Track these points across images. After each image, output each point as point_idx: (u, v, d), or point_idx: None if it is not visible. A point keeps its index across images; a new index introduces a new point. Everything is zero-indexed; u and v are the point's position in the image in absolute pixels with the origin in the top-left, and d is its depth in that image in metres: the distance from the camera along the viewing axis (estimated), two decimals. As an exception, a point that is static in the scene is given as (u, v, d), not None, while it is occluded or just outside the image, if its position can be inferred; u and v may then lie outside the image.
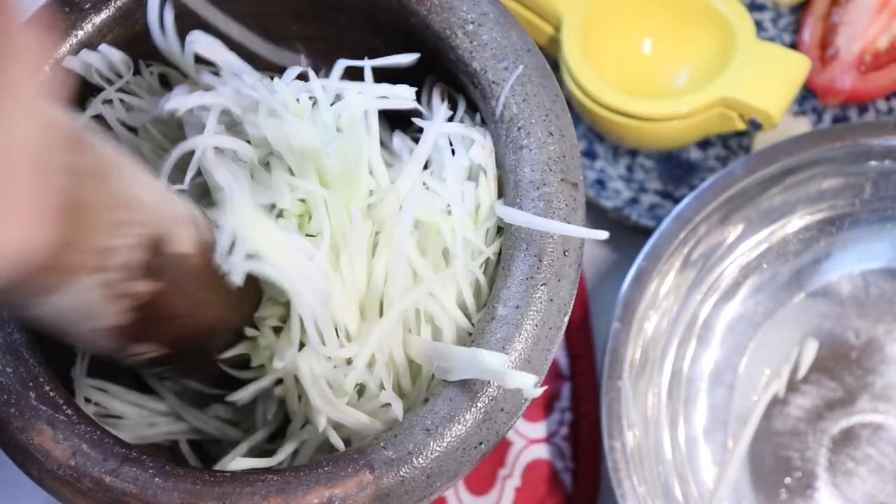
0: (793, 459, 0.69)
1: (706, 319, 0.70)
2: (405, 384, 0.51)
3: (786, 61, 0.69)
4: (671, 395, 0.69)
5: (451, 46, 0.52)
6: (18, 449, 0.48)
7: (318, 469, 0.47)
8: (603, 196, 0.72)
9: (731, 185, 0.68)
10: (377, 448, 0.47)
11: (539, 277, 0.49)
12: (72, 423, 0.48)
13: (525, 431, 0.71)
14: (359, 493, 0.47)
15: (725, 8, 0.71)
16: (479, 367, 0.47)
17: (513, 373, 0.47)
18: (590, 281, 0.74)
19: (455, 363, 0.48)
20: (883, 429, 0.69)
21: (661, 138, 0.71)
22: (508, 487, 0.70)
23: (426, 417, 0.47)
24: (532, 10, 0.71)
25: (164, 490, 0.47)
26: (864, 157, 0.69)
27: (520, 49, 0.52)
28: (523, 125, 0.51)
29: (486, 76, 0.52)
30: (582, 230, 0.49)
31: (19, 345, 0.49)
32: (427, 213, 0.51)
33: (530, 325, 0.48)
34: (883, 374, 0.69)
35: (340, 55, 0.54)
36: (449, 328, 0.51)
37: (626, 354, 0.66)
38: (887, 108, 0.75)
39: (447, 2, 0.52)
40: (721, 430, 0.69)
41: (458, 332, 0.51)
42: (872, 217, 0.70)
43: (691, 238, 0.68)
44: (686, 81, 0.72)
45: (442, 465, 0.47)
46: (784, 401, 0.69)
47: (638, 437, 0.66)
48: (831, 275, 0.71)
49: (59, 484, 0.47)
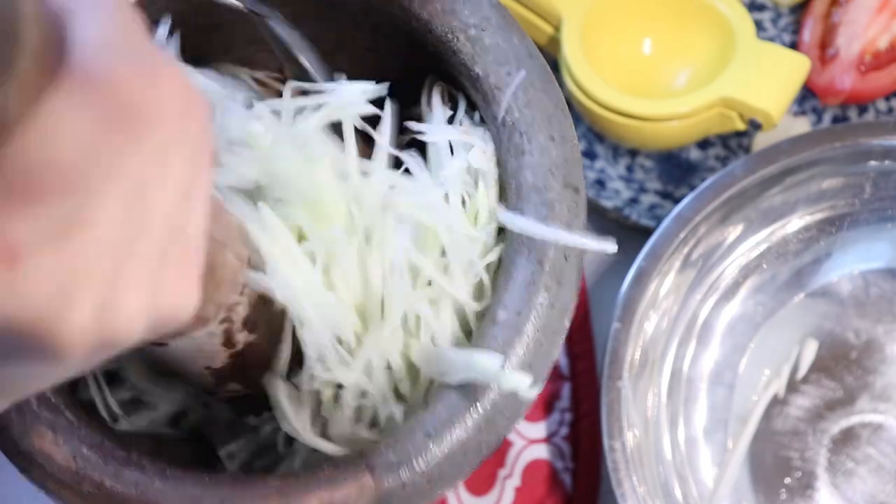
0: (793, 459, 0.69)
1: (706, 319, 0.70)
2: (404, 388, 0.51)
3: (786, 61, 0.69)
4: (671, 395, 0.69)
5: (453, 51, 0.52)
6: (20, 453, 0.48)
7: (319, 473, 0.47)
8: (603, 196, 0.72)
9: (731, 185, 0.68)
10: (378, 451, 0.47)
11: (540, 282, 0.49)
12: (73, 427, 0.48)
13: (525, 431, 0.71)
14: (359, 496, 0.47)
15: (725, 8, 0.71)
16: (474, 368, 0.47)
17: (508, 374, 0.47)
18: (590, 281, 0.74)
19: (451, 365, 0.48)
20: (883, 429, 0.69)
21: (661, 138, 0.71)
22: (508, 487, 0.70)
23: (427, 421, 0.48)
24: (532, 10, 0.71)
25: (164, 493, 0.47)
26: (864, 157, 0.69)
27: (522, 54, 0.52)
28: (525, 130, 0.51)
29: (489, 81, 0.52)
30: (589, 242, 0.49)
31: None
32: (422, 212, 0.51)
33: (532, 330, 0.48)
34: (883, 374, 0.69)
35: (341, 56, 0.54)
36: (447, 331, 0.51)
37: (626, 354, 0.66)
38: (887, 108, 0.75)
39: (449, 6, 0.52)
40: (721, 430, 0.69)
41: (458, 335, 0.51)
42: (872, 217, 0.70)
43: (691, 238, 0.68)
44: (686, 81, 0.72)
45: (443, 468, 0.47)
46: (784, 401, 0.69)
47: (638, 437, 0.66)
48: (831, 275, 0.71)
49: (60, 488, 0.47)
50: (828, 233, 0.71)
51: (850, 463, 0.68)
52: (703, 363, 0.70)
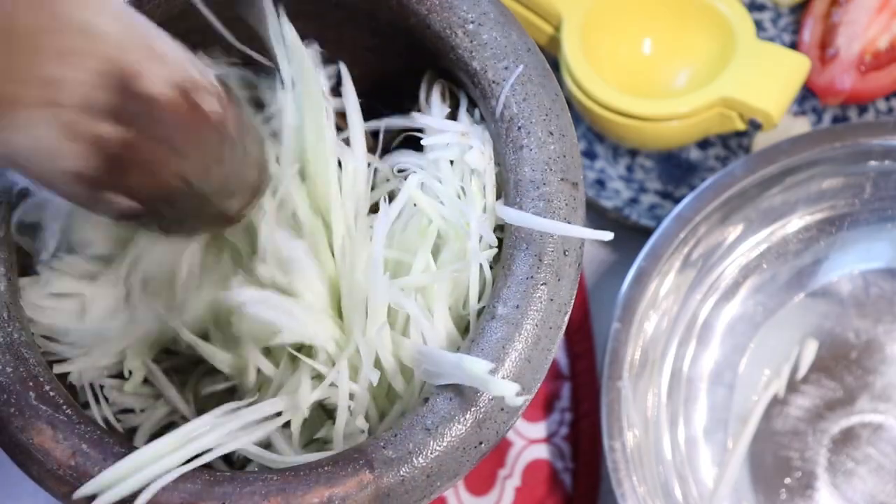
0: (793, 459, 0.69)
1: (706, 319, 0.70)
2: (398, 386, 0.51)
3: (786, 61, 0.69)
4: (671, 395, 0.69)
5: (451, 46, 0.52)
6: (19, 449, 0.48)
7: (318, 469, 0.47)
8: (603, 196, 0.72)
9: (731, 185, 0.68)
10: (377, 447, 0.47)
11: (539, 277, 0.49)
12: (72, 422, 0.48)
13: (525, 431, 0.71)
14: (359, 492, 0.47)
15: (725, 8, 0.71)
16: (463, 372, 0.47)
17: (495, 380, 0.47)
18: (590, 281, 0.74)
19: (441, 368, 0.48)
20: (883, 429, 0.69)
21: (661, 138, 0.71)
22: (508, 487, 0.70)
23: (426, 417, 0.47)
24: (532, 10, 0.71)
25: (164, 490, 0.47)
26: (864, 157, 0.69)
27: (520, 48, 0.52)
28: (523, 125, 0.51)
29: (487, 76, 0.52)
30: (585, 231, 0.49)
31: (19, 345, 0.49)
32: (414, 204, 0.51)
33: (530, 325, 0.48)
34: (883, 374, 0.69)
35: (340, 54, 0.54)
36: (440, 329, 0.50)
37: (626, 354, 0.66)
38: (887, 108, 0.75)
39: (447, 1, 0.52)
40: (721, 430, 0.69)
41: (452, 333, 0.51)
42: (872, 217, 0.70)
43: (691, 238, 0.68)
44: (686, 81, 0.72)
45: (442, 464, 0.47)
46: (784, 401, 0.69)
47: (638, 438, 0.66)
48: (831, 275, 0.71)
49: (59, 484, 0.47)
50: (828, 233, 0.71)
51: (850, 463, 0.68)
52: (703, 363, 0.70)
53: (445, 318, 0.51)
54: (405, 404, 0.51)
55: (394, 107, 0.55)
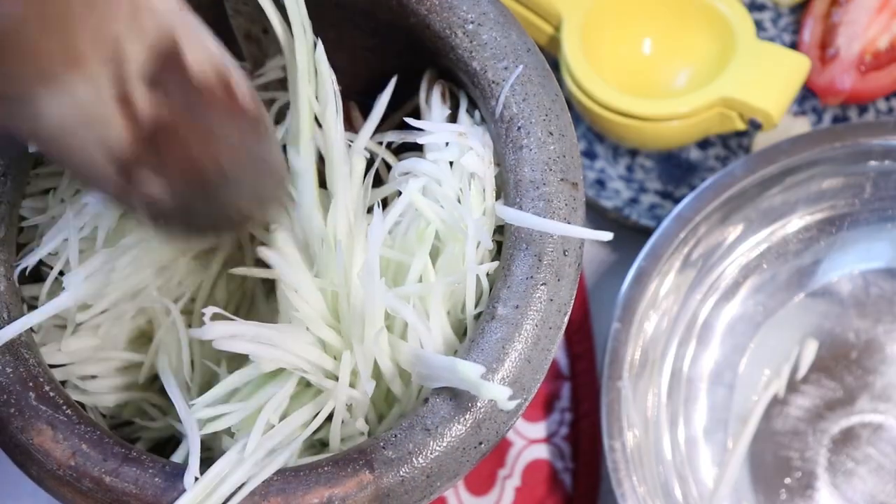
0: (793, 459, 0.68)
1: (706, 319, 0.70)
2: (396, 389, 0.51)
3: (786, 61, 0.69)
4: (671, 395, 0.69)
5: (451, 46, 0.52)
6: (18, 449, 0.48)
7: (318, 469, 0.47)
8: (603, 196, 0.72)
9: (731, 185, 0.68)
10: (377, 448, 0.47)
11: (539, 277, 0.49)
12: (72, 423, 0.48)
13: (525, 431, 0.71)
14: (359, 493, 0.47)
15: (725, 8, 0.71)
16: (456, 376, 0.47)
17: (488, 384, 0.46)
18: (590, 281, 0.74)
19: (434, 371, 0.48)
20: (883, 429, 0.69)
21: (661, 138, 0.71)
22: (508, 487, 0.70)
23: (426, 417, 0.47)
24: (532, 10, 0.71)
25: (164, 490, 0.47)
26: (864, 157, 0.69)
27: (520, 49, 0.52)
28: (523, 125, 0.51)
29: (486, 76, 0.52)
30: (585, 231, 0.49)
31: (19, 345, 0.49)
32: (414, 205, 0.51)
33: (530, 325, 0.48)
34: (883, 374, 0.69)
35: (340, 55, 0.54)
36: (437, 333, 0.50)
37: (626, 354, 0.66)
38: (887, 108, 0.75)
39: (447, 1, 0.52)
40: (721, 430, 0.69)
41: (449, 336, 0.51)
42: (872, 217, 0.70)
43: (691, 238, 0.68)
44: (686, 81, 0.72)
45: (442, 464, 0.47)
46: (784, 401, 0.69)
47: (638, 438, 0.66)
48: (831, 275, 0.71)
49: (59, 484, 0.47)
50: (828, 233, 0.71)
51: (850, 463, 0.68)
52: (703, 363, 0.70)
53: (443, 322, 0.50)
54: (404, 407, 0.51)
55: (393, 107, 0.55)
